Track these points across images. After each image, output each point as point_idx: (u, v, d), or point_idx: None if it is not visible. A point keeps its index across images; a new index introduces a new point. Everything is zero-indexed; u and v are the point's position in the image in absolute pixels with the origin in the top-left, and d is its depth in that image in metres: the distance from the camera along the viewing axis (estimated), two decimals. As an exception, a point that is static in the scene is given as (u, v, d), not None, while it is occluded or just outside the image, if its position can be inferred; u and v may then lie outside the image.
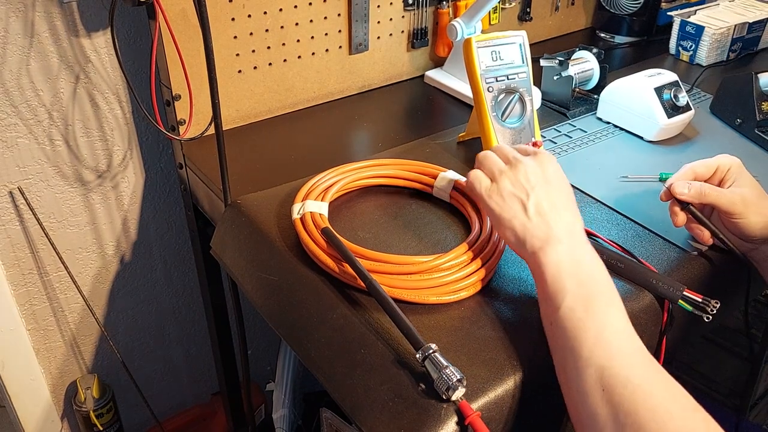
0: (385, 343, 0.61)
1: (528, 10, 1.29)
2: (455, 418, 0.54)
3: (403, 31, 1.13)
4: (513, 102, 0.85)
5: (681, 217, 0.72)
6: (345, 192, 0.81)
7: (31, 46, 0.90)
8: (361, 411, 0.58)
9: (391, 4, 1.09)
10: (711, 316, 0.63)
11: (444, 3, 1.13)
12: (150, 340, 1.25)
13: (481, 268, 0.67)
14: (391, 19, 1.10)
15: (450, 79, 1.14)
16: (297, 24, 1.00)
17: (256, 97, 1.02)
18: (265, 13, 0.96)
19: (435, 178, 0.80)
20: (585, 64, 1.05)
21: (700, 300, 0.64)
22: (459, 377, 0.54)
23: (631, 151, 0.95)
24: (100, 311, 1.16)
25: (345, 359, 0.61)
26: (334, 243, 0.67)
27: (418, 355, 0.56)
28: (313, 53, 1.04)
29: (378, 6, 1.08)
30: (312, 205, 0.74)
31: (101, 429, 1.16)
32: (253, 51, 0.98)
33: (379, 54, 1.12)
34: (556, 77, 1.04)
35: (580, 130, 1.00)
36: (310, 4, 1.00)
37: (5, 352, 1.07)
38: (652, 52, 1.32)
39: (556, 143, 0.96)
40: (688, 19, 1.25)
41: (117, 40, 0.87)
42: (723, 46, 1.24)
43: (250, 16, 0.95)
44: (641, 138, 0.97)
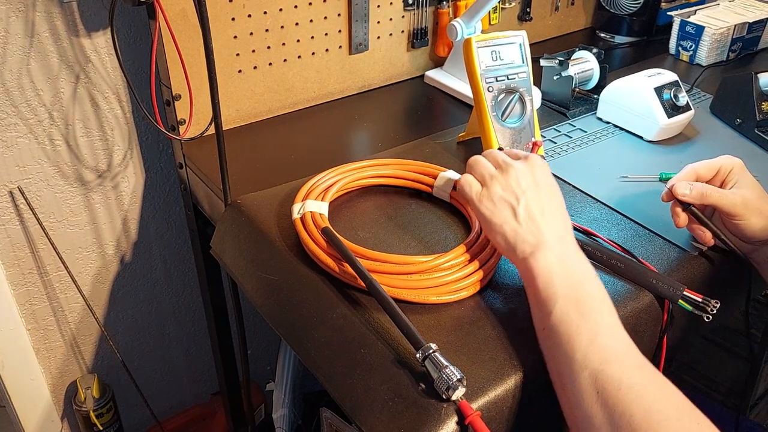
0: (385, 342, 0.61)
1: (528, 10, 1.29)
2: (455, 418, 0.54)
3: (403, 31, 1.13)
4: (513, 102, 0.85)
5: (683, 218, 0.72)
6: (345, 192, 0.81)
7: (32, 46, 0.90)
8: (361, 411, 0.58)
9: (391, 4, 1.09)
10: (711, 316, 0.63)
11: (444, 3, 1.13)
12: (150, 340, 1.25)
13: (481, 267, 0.67)
14: (391, 19, 1.10)
15: (450, 79, 1.14)
16: (297, 24, 1.00)
17: (256, 97, 1.02)
18: (265, 13, 0.96)
19: (435, 178, 0.80)
20: (585, 64, 1.05)
21: (700, 300, 0.64)
22: (459, 377, 0.54)
23: (631, 151, 0.95)
24: (100, 311, 1.16)
25: (345, 359, 0.61)
26: (334, 243, 0.67)
27: (418, 355, 0.56)
28: (313, 53, 1.04)
29: (378, 6, 1.08)
30: (312, 205, 0.74)
31: (101, 429, 1.17)
32: (253, 51, 0.98)
33: (379, 54, 1.12)
34: (556, 77, 1.04)
35: (580, 130, 1.00)
36: (310, 4, 1.00)
37: (5, 352, 1.07)
38: (652, 52, 1.32)
39: (556, 143, 0.96)
40: (688, 19, 1.25)
41: (117, 40, 0.87)
42: (723, 46, 1.24)
43: (250, 16, 0.95)
44: (641, 138, 0.97)
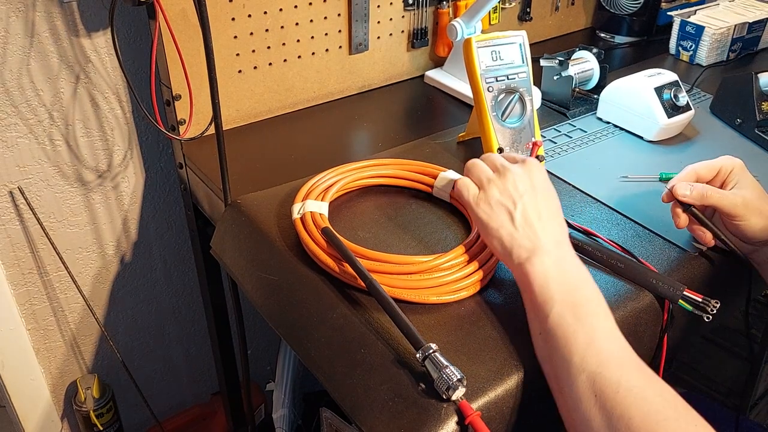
0: (385, 342, 0.61)
1: (528, 10, 1.29)
2: (455, 418, 0.54)
3: (403, 31, 1.13)
4: (513, 102, 0.85)
5: (683, 218, 0.72)
6: (345, 192, 0.81)
7: (32, 46, 0.90)
8: (361, 411, 0.58)
9: (391, 4, 1.09)
10: (711, 316, 0.63)
11: (444, 3, 1.13)
12: (150, 340, 1.25)
13: (480, 268, 0.67)
14: (391, 19, 1.10)
15: (450, 79, 1.14)
16: (297, 24, 1.00)
17: (256, 97, 1.02)
18: (266, 13, 0.96)
19: (435, 178, 0.80)
20: (585, 64, 1.05)
21: (700, 300, 0.64)
22: (459, 377, 0.54)
23: (631, 151, 0.95)
24: (100, 311, 1.16)
25: (345, 359, 0.61)
26: (334, 243, 0.67)
27: (418, 355, 0.56)
28: (313, 53, 1.04)
29: (378, 6, 1.08)
30: (312, 205, 0.74)
31: (101, 429, 1.17)
32: (253, 51, 0.98)
33: (379, 54, 1.12)
34: (556, 77, 1.04)
35: (580, 130, 1.00)
36: (310, 4, 1.00)
37: (5, 352, 1.07)
38: (652, 52, 1.32)
39: (556, 143, 0.96)
40: (688, 19, 1.25)
41: (117, 40, 0.87)
42: (723, 46, 1.24)
43: (250, 16, 0.95)
44: (641, 138, 0.97)
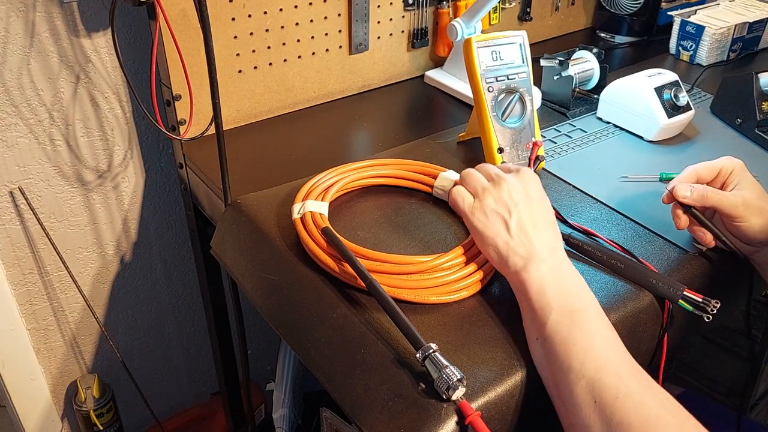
0: (385, 342, 0.61)
1: (528, 10, 1.29)
2: (455, 418, 0.54)
3: (403, 31, 1.13)
4: (513, 102, 0.85)
5: (683, 219, 0.72)
6: (345, 192, 0.81)
7: (32, 46, 0.90)
8: (361, 411, 0.58)
9: (391, 4, 1.09)
10: (711, 316, 0.63)
11: (444, 3, 1.13)
12: (150, 340, 1.25)
13: (480, 268, 0.67)
14: (391, 19, 1.10)
15: (450, 79, 1.14)
16: (297, 24, 1.00)
17: (256, 97, 1.02)
18: (266, 13, 0.96)
19: (435, 178, 0.80)
20: (585, 64, 1.05)
21: (701, 300, 0.64)
22: (459, 377, 0.54)
23: (632, 151, 0.95)
24: (100, 311, 1.16)
25: (345, 359, 0.61)
26: (334, 243, 0.67)
27: (418, 355, 0.56)
28: (313, 53, 1.04)
29: (378, 6, 1.08)
30: (312, 205, 0.74)
31: (101, 428, 1.17)
32: (254, 51, 0.98)
33: (379, 54, 1.12)
34: (556, 77, 1.04)
35: (580, 130, 1.00)
36: (311, 4, 1.00)
37: (5, 352, 1.07)
38: (652, 52, 1.32)
39: (556, 143, 0.96)
40: (689, 19, 1.25)
41: (117, 40, 0.87)
42: (723, 46, 1.24)
43: (250, 16, 0.95)
44: (641, 138, 0.97)
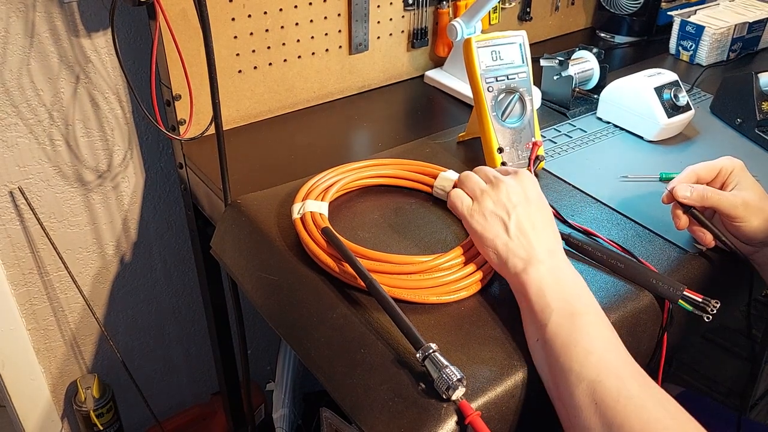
0: (385, 342, 0.61)
1: (528, 10, 1.29)
2: (455, 418, 0.54)
3: (403, 31, 1.13)
4: (513, 102, 0.85)
5: (683, 220, 0.72)
6: (345, 192, 0.81)
7: (32, 46, 0.90)
8: (361, 410, 0.58)
9: (391, 4, 1.09)
10: (711, 316, 0.63)
11: (444, 3, 1.13)
12: (150, 340, 1.25)
13: (480, 268, 0.67)
14: (391, 19, 1.10)
15: (450, 79, 1.14)
16: (297, 24, 1.00)
17: (256, 97, 1.02)
18: (266, 13, 0.96)
19: (435, 178, 0.80)
20: (585, 64, 1.05)
21: (700, 300, 0.64)
22: (459, 377, 0.54)
23: (631, 150, 0.95)
24: (100, 311, 1.16)
25: (345, 359, 0.61)
26: (334, 243, 0.67)
27: (418, 355, 0.56)
28: (313, 53, 1.04)
29: (378, 6, 1.08)
30: (312, 205, 0.74)
31: (101, 429, 1.17)
32: (254, 51, 0.98)
33: (379, 54, 1.12)
34: (556, 77, 1.04)
35: (580, 129, 1.00)
36: (310, 4, 1.00)
37: (5, 352, 1.07)
38: (652, 52, 1.32)
39: (556, 143, 0.96)
40: (688, 19, 1.25)
41: (117, 40, 0.87)
42: (723, 45, 1.24)
43: (250, 16, 0.95)
44: (641, 138, 0.97)
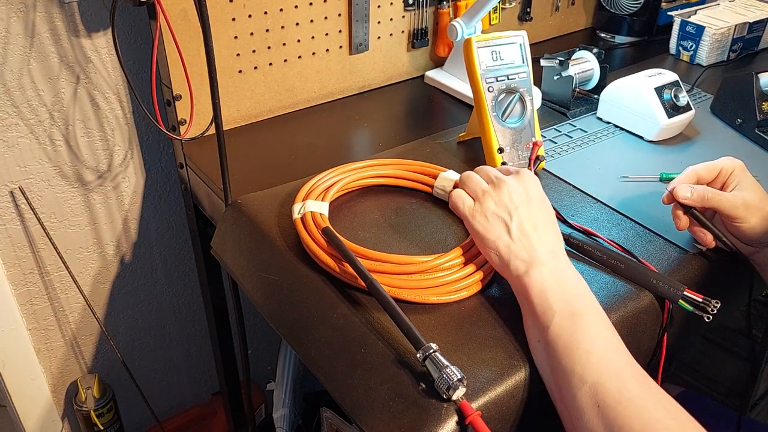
0: (385, 342, 0.61)
1: (528, 10, 1.29)
2: (455, 418, 0.54)
3: (403, 31, 1.13)
4: (513, 102, 0.85)
5: (684, 220, 0.72)
6: (345, 192, 0.81)
7: (32, 47, 0.90)
8: (362, 410, 0.58)
9: (391, 4, 1.09)
10: (711, 316, 0.63)
11: (444, 3, 1.13)
12: (150, 340, 1.25)
13: (480, 268, 0.67)
14: (391, 19, 1.10)
15: (450, 79, 1.14)
16: (297, 24, 1.00)
17: (256, 97, 1.02)
18: (266, 13, 0.96)
19: (435, 178, 0.80)
20: (585, 64, 1.05)
21: (701, 300, 0.64)
22: (459, 377, 0.54)
23: (632, 151, 0.95)
24: (101, 311, 1.16)
25: (345, 359, 0.61)
26: (335, 243, 0.67)
27: (418, 355, 0.56)
28: (313, 53, 1.04)
29: (378, 6, 1.08)
30: (312, 205, 0.74)
31: (102, 428, 1.17)
32: (254, 51, 0.98)
33: (379, 54, 1.12)
34: (556, 77, 1.04)
35: (581, 130, 1.00)
36: (311, 4, 1.00)
37: (6, 352, 1.07)
38: (653, 52, 1.32)
39: (556, 143, 0.96)
40: (689, 19, 1.25)
41: (117, 40, 0.88)
42: (723, 46, 1.24)
43: (250, 16, 0.95)
44: (641, 138, 0.97)
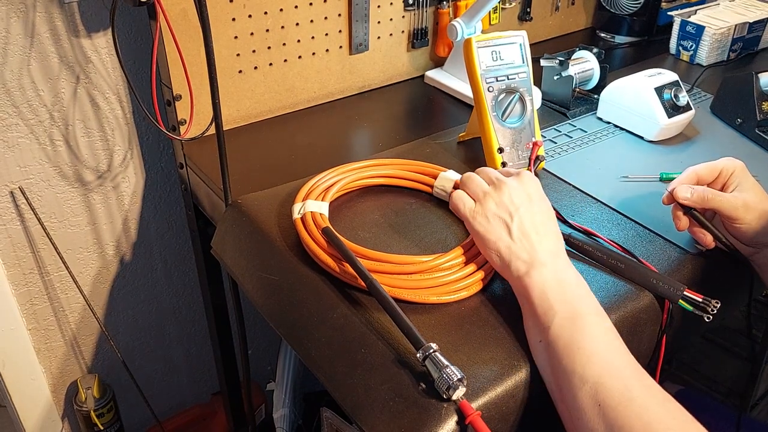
0: (385, 342, 0.61)
1: (528, 10, 1.29)
2: (455, 418, 0.54)
3: (403, 31, 1.13)
4: (513, 102, 0.85)
5: (684, 221, 0.72)
6: (345, 192, 0.81)
7: (32, 47, 0.90)
8: (362, 410, 0.58)
9: (391, 4, 1.09)
10: (711, 316, 0.63)
11: (444, 3, 1.13)
12: (150, 340, 1.25)
13: (480, 268, 0.67)
14: (391, 19, 1.10)
15: (450, 79, 1.14)
16: (297, 24, 1.00)
17: (256, 97, 1.02)
18: (266, 13, 0.96)
19: (435, 178, 0.80)
20: (585, 64, 1.05)
21: (701, 300, 0.64)
22: (459, 377, 0.54)
23: (632, 151, 0.95)
24: (101, 311, 1.16)
25: (345, 359, 0.61)
26: (335, 243, 0.67)
27: (418, 355, 0.56)
28: (313, 53, 1.04)
29: (378, 6, 1.08)
30: (312, 205, 0.74)
31: (102, 428, 1.17)
32: (254, 51, 0.98)
33: (379, 54, 1.12)
34: (556, 77, 1.04)
35: (581, 130, 1.00)
36: (311, 4, 1.00)
37: (6, 352, 1.07)
38: (653, 52, 1.32)
39: (556, 143, 0.96)
40: (689, 19, 1.25)
41: (118, 40, 0.88)
42: (723, 45, 1.24)
43: (250, 16, 0.95)
44: (642, 138, 0.97)
